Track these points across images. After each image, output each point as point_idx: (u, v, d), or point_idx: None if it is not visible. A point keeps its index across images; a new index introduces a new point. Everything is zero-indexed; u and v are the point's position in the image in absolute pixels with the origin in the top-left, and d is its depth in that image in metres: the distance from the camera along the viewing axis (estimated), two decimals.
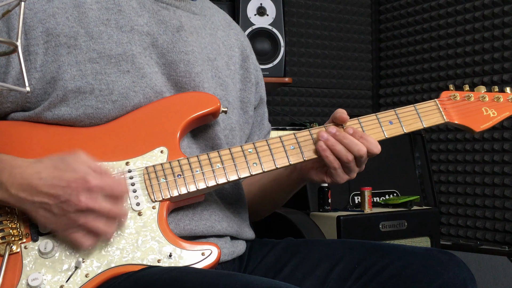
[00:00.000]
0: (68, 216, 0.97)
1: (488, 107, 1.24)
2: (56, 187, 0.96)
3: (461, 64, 2.95)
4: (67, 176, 0.96)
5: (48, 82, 1.08)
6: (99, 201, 0.97)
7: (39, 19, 1.08)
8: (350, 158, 1.12)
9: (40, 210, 0.98)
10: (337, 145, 1.12)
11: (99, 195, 0.97)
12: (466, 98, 1.25)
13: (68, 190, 0.96)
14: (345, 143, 1.12)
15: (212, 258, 1.06)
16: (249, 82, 1.33)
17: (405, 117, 1.20)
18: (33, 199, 0.97)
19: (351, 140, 1.13)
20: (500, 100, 1.25)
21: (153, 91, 1.12)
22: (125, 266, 1.02)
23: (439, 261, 1.09)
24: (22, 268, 1.00)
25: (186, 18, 1.21)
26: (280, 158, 1.13)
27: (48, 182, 0.96)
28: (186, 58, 1.17)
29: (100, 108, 1.08)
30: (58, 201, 0.96)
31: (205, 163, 1.10)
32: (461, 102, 1.24)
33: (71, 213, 0.96)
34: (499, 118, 1.24)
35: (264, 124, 1.41)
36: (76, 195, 0.96)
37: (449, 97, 1.24)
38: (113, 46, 1.10)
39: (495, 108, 1.24)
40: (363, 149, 1.12)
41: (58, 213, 0.97)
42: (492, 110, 1.24)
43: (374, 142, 1.14)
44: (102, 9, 1.13)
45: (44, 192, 0.96)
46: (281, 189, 1.31)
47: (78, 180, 0.96)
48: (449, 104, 1.23)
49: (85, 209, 0.96)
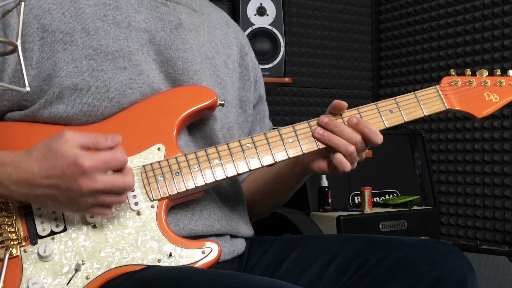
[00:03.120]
0: (76, 200, 0.96)
1: (490, 91, 1.20)
2: (52, 178, 0.94)
3: (461, 64, 2.95)
4: (59, 163, 0.94)
5: (44, 80, 1.07)
6: (99, 180, 0.95)
7: (34, 15, 1.07)
8: (351, 149, 1.11)
9: (48, 200, 0.97)
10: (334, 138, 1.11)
11: (96, 174, 0.94)
12: (468, 83, 1.20)
13: (64, 178, 0.94)
14: (338, 131, 1.11)
15: (213, 256, 1.05)
16: (248, 80, 1.32)
17: (405, 105, 1.17)
18: (35, 193, 0.96)
19: (343, 127, 1.11)
20: (503, 84, 1.21)
21: (150, 88, 1.11)
22: (126, 267, 1.02)
23: (437, 251, 1.08)
24: (22, 272, 1.00)
25: (185, 15, 1.20)
26: (279, 152, 1.12)
27: (43, 174, 0.94)
28: (184, 55, 1.16)
29: (97, 105, 1.08)
30: (60, 190, 0.95)
31: (203, 159, 1.09)
32: (462, 87, 1.20)
33: (77, 197, 0.96)
34: (502, 103, 1.20)
35: (265, 122, 1.40)
36: (75, 181, 0.94)
37: (450, 83, 1.20)
38: (109, 42, 1.09)
39: (498, 92, 1.20)
40: (357, 136, 1.11)
41: (65, 201, 0.96)
42: (495, 95, 1.20)
43: (375, 131, 1.12)
44: (99, 5, 1.12)
45: (43, 184, 0.95)
46: (284, 184, 1.30)
47: (70, 165, 0.93)
48: (450, 90, 1.20)
49: (87, 192, 0.95)
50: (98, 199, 0.97)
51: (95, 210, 0.99)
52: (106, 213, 1.00)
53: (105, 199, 0.97)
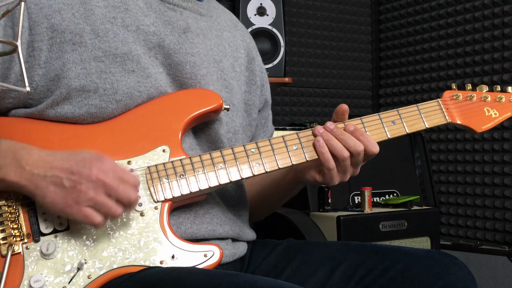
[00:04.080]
0: (78, 188, 0.96)
1: (490, 107, 1.24)
2: (70, 161, 0.98)
3: (461, 64, 2.95)
4: (83, 154, 0.99)
5: (51, 80, 1.07)
6: (110, 176, 0.97)
7: (44, 15, 1.07)
8: (346, 155, 1.11)
9: (51, 185, 0.97)
10: (332, 140, 1.11)
11: (110, 172, 0.98)
12: (469, 98, 1.24)
13: (81, 163, 0.97)
14: (341, 139, 1.11)
15: (214, 259, 1.05)
16: (254, 84, 1.32)
17: (408, 117, 1.19)
18: (46, 174, 0.97)
19: (348, 136, 1.12)
20: (502, 100, 1.24)
21: (157, 92, 1.12)
22: (128, 267, 1.02)
23: (440, 263, 1.09)
24: (24, 269, 1.00)
25: (192, 20, 1.20)
26: (283, 159, 1.12)
27: (64, 157, 0.98)
28: (192, 60, 1.16)
29: (104, 107, 1.08)
30: (70, 173, 0.97)
31: (207, 163, 1.09)
32: (463, 102, 1.24)
33: (81, 184, 0.96)
34: (501, 119, 1.24)
35: (268, 126, 1.40)
36: (89, 167, 0.97)
37: (451, 97, 1.23)
38: (118, 45, 1.09)
39: (497, 108, 1.24)
40: (360, 146, 1.11)
41: (68, 186, 0.96)
42: (494, 111, 1.23)
43: (372, 142, 1.13)
44: (108, 7, 1.11)
45: (58, 166, 0.97)
46: (278, 190, 1.30)
47: (92, 156, 0.98)
48: (452, 104, 1.23)
49: (95, 180, 0.96)
50: (98, 197, 0.97)
51: (88, 212, 0.97)
52: (98, 221, 0.98)
53: (104, 200, 0.97)
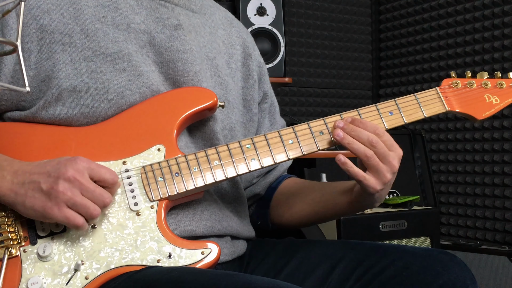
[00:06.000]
0: (55, 189, 0.96)
1: (490, 94, 1.20)
2: (47, 166, 0.99)
3: (461, 64, 2.95)
4: (59, 158, 1.00)
5: (42, 81, 1.07)
6: (85, 177, 0.98)
7: (33, 16, 1.07)
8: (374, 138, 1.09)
9: (29, 191, 0.98)
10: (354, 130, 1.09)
11: (85, 171, 0.98)
12: (468, 85, 1.21)
13: (56, 166, 0.98)
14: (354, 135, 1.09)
15: (212, 257, 1.05)
16: (251, 79, 1.31)
17: (406, 107, 1.17)
18: (24, 181, 0.98)
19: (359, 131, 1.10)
20: (503, 86, 1.21)
21: (149, 90, 1.11)
22: (125, 267, 1.02)
23: (440, 261, 1.08)
24: (21, 272, 1.00)
25: (184, 16, 1.19)
26: (279, 154, 1.12)
27: (41, 164, 1.00)
28: (184, 56, 1.15)
29: (96, 107, 1.08)
30: (47, 175, 0.97)
31: (202, 160, 1.09)
32: (462, 89, 1.20)
33: (58, 185, 0.96)
34: (502, 105, 1.20)
35: (276, 119, 1.40)
36: (65, 167, 0.97)
37: (450, 85, 1.21)
38: (109, 44, 1.09)
39: (498, 94, 1.20)
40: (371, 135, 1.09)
41: (46, 189, 0.97)
42: (495, 97, 1.20)
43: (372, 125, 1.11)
44: (98, 6, 1.11)
45: (36, 171, 0.98)
46: (335, 215, 1.29)
47: (68, 158, 0.99)
48: (450, 92, 1.20)
49: (72, 180, 0.96)
50: (76, 197, 0.97)
51: (69, 213, 0.97)
52: (80, 222, 0.98)
53: (82, 200, 0.97)
